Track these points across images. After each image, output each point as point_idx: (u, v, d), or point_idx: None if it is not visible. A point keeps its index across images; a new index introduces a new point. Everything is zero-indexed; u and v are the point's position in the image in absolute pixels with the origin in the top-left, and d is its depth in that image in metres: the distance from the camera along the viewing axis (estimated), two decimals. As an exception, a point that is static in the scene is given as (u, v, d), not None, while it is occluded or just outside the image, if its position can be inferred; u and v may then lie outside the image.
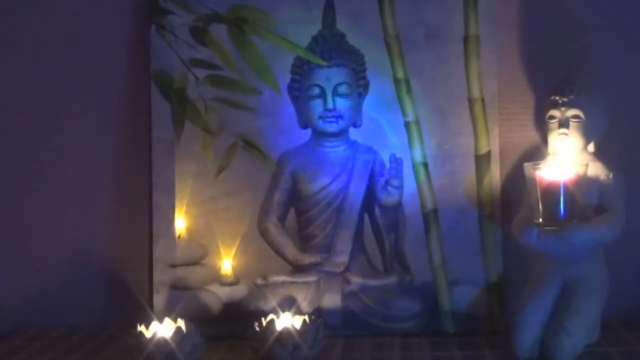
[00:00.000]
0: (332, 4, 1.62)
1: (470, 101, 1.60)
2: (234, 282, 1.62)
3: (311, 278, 1.61)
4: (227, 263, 1.63)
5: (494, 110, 1.60)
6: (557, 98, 1.49)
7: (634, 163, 1.59)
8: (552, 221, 1.40)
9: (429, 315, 1.59)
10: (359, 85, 1.62)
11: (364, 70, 1.62)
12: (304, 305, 1.59)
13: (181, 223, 1.63)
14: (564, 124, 1.48)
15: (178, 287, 1.61)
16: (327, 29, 1.62)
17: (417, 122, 1.61)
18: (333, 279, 1.61)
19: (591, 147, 1.51)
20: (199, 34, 1.58)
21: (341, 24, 1.62)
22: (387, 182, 1.58)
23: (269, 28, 1.58)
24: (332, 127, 1.61)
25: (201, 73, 1.59)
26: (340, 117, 1.61)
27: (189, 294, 1.61)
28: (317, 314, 1.55)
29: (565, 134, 1.48)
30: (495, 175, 1.60)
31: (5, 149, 1.70)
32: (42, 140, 1.69)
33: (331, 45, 1.61)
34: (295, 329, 1.40)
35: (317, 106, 1.60)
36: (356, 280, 1.60)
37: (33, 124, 1.69)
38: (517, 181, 1.55)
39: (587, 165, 1.43)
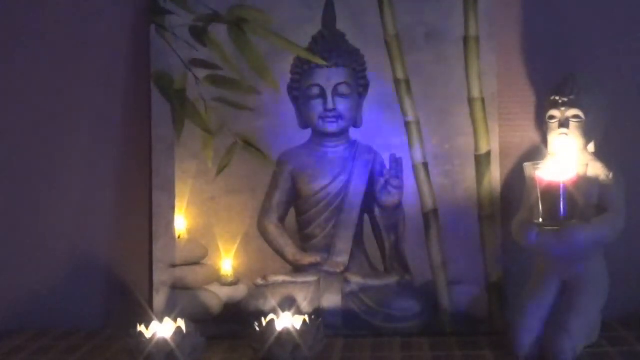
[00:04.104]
0: (332, 4, 1.62)
1: (470, 101, 1.60)
2: (234, 282, 1.62)
3: (311, 278, 1.61)
4: (227, 263, 1.63)
5: (494, 110, 1.60)
6: (557, 98, 1.49)
7: (634, 163, 1.59)
8: (552, 221, 1.40)
9: (429, 315, 1.59)
10: (359, 85, 1.62)
11: (364, 70, 1.62)
12: (304, 305, 1.60)
13: (181, 223, 1.63)
14: (564, 124, 1.48)
15: (178, 287, 1.61)
16: (327, 29, 1.62)
17: (417, 122, 1.61)
18: (333, 279, 1.61)
19: (591, 147, 1.51)
20: (199, 34, 1.58)
21: (341, 24, 1.62)
22: (387, 182, 1.58)
23: (269, 28, 1.58)
24: (332, 127, 1.61)
25: (201, 73, 1.60)
26: (340, 117, 1.61)
27: (189, 294, 1.61)
28: (317, 314, 1.55)
29: (566, 134, 1.48)
30: (495, 175, 1.60)
31: (6, 148, 1.70)
32: (42, 140, 1.69)
33: (331, 45, 1.61)
34: (295, 329, 1.40)
35: (317, 106, 1.61)
36: (356, 280, 1.60)
37: (33, 123, 1.69)
38: (517, 181, 1.55)
39: (587, 165, 1.43)
